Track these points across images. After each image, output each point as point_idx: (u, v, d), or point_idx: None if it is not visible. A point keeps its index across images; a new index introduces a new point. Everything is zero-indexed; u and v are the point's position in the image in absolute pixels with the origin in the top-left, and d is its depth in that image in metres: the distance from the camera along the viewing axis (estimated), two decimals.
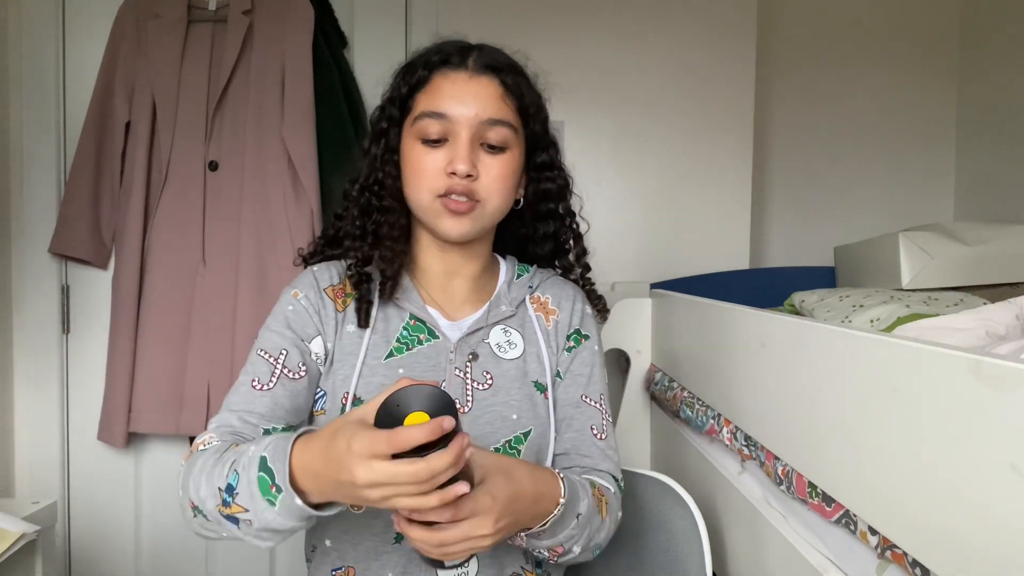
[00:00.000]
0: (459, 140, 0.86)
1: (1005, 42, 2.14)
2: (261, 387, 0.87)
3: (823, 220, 2.34)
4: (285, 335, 0.90)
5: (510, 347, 0.95)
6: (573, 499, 0.82)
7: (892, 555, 0.66)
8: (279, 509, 0.68)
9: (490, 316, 0.95)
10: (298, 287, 0.94)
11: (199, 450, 0.80)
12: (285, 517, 0.69)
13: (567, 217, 1.00)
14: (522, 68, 0.93)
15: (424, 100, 0.89)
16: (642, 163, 2.05)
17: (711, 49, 2.04)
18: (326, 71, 1.84)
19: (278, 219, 1.78)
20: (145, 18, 1.80)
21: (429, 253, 0.96)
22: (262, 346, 0.90)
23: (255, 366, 0.89)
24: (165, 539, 1.93)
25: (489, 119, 0.87)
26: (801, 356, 0.86)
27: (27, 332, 1.86)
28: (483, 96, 0.87)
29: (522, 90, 0.91)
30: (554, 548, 0.83)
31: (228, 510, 0.71)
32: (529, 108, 0.91)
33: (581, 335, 0.99)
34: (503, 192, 0.90)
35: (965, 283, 1.60)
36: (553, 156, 0.97)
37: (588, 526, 0.84)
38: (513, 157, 0.90)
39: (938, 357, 0.58)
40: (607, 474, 0.94)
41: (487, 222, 0.91)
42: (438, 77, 0.89)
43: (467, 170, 0.85)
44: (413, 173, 0.89)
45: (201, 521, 0.76)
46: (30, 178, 1.85)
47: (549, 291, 1.01)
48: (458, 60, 0.89)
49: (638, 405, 1.74)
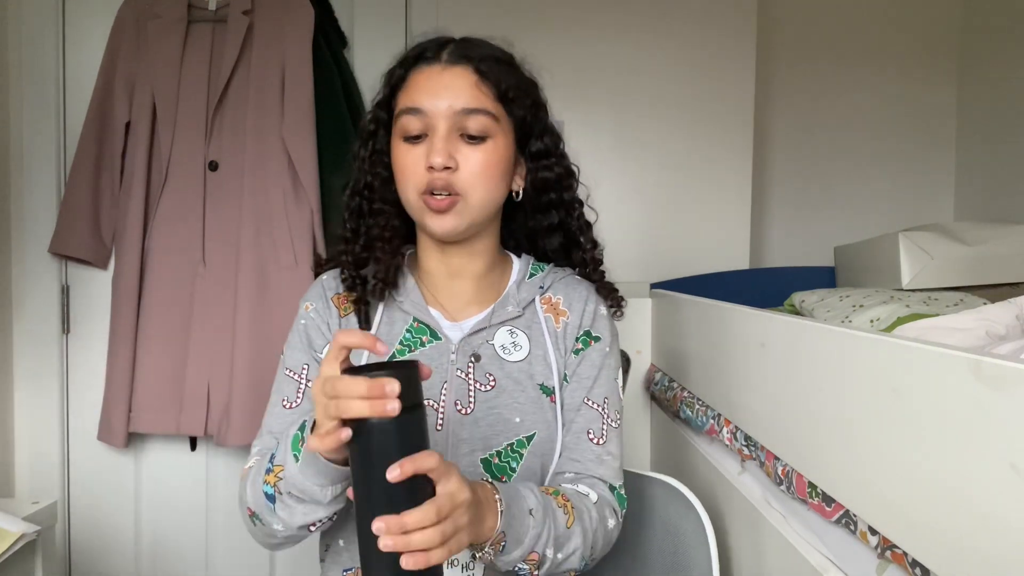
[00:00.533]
0: (436, 134, 0.85)
1: (1005, 42, 2.14)
2: (290, 405, 0.90)
3: (823, 220, 2.34)
4: (304, 349, 0.92)
5: (515, 349, 0.93)
6: (513, 497, 0.78)
7: (892, 555, 0.66)
8: (300, 463, 0.73)
9: (494, 317, 0.93)
10: (309, 299, 0.95)
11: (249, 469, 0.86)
12: (305, 471, 0.73)
13: (572, 207, 0.98)
14: (503, 54, 0.91)
15: (403, 98, 0.89)
16: (642, 163, 2.05)
17: (711, 49, 2.04)
18: (326, 71, 1.84)
19: (278, 219, 1.78)
20: (145, 18, 1.80)
21: (430, 255, 0.95)
22: (287, 365, 0.92)
23: (283, 385, 0.92)
24: (165, 539, 1.93)
25: (464, 109, 0.86)
26: (801, 356, 0.86)
27: (27, 332, 1.86)
28: (455, 86, 0.86)
29: (499, 76, 0.88)
30: (528, 556, 0.79)
31: (267, 478, 0.77)
32: (508, 93, 0.89)
33: (591, 336, 0.96)
34: (486, 183, 0.87)
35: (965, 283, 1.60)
36: (549, 144, 0.95)
37: (550, 523, 0.80)
38: (496, 146, 0.88)
39: (938, 357, 0.58)
40: (599, 481, 0.90)
41: (474, 216, 0.89)
42: (414, 73, 0.89)
43: (443, 162, 0.84)
44: (400, 173, 0.89)
45: (260, 528, 0.81)
46: (30, 178, 1.85)
47: (561, 292, 0.98)
48: (432, 54, 0.88)
49: (638, 405, 1.74)
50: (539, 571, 0.82)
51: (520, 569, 0.81)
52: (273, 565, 1.96)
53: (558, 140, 0.96)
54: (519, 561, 0.79)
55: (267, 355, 1.74)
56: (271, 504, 0.77)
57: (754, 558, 1.00)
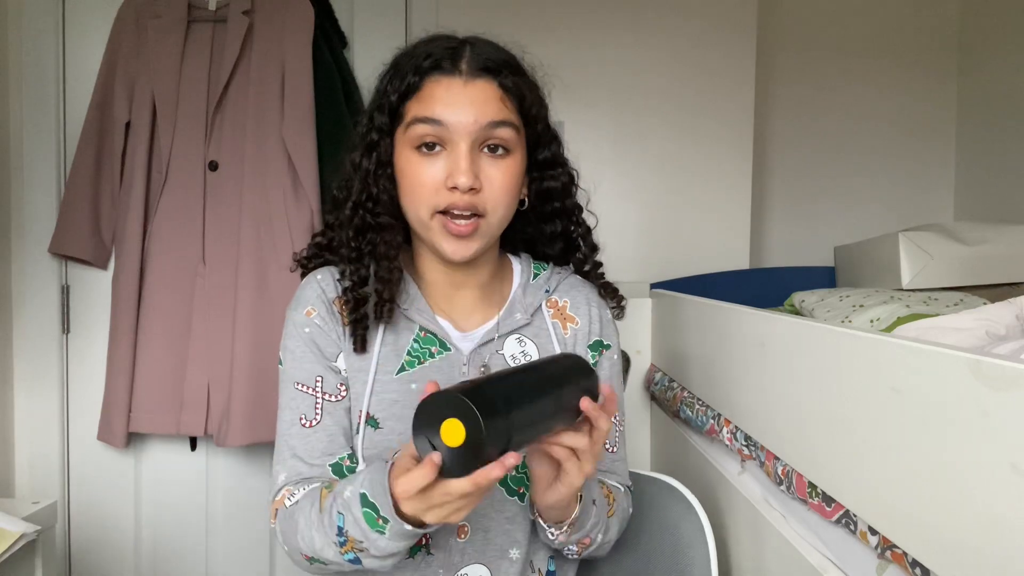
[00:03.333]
0: (458, 150, 0.80)
1: (1005, 42, 2.14)
2: (310, 424, 0.86)
3: (823, 220, 2.34)
4: (314, 360, 0.87)
5: (524, 358, 0.90)
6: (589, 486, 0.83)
7: (892, 555, 0.66)
8: (389, 536, 0.71)
9: (502, 326, 0.90)
10: (309, 304, 0.88)
11: (288, 506, 0.84)
12: (397, 540, 0.72)
13: (574, 213, 0.95)
14: (519, 63, 0.88)
15: (416, 107, 0.83)
16: (642, 163, 2.05)
17: (711, 48, 2.04)
18: (326, 71, 1.84)
19: (278, 219, 1.78)
20: (145, 18, 1.80)
21: (431, 267, 0.91)
22: (297, 379, 0.87)
23: (296, 402, 0.87)
24: (165, 539, 1.93)
25: (490, 122, 0.81)
26: (801, 356, 0.86)
27: (27, 332, 1.86)
28: (481, 100, 0.81)
29: (523, 91, 0.85)
30: (582, 540, 0.85)
31: (344, 549, 0.75)
32: (531, 109, 0.86)
33: (603, 345, 0.95)
34: (508, 202, 0.85)
35: (965, 283, 1.60)
36: (556, 152, 0.92)
37: (604, 513, 0.87)
38: (516, 161, 0.85)
39: (938, 357, 0.58)
40: (614, 486, 0.95)
41: (491, 236, 0.86)
42: (430, 83, 0.83)
43: (469, 183, 0.79)
44: (410, 186, 0.83)
45: (319, 567, 0.81)
46: (30, 178, 1.85)
47: (567, 294, 0.95)
48: (450, 64, 0.83)
49: (638, 405, 1.74)
50: (582, 554, 0.88)
51: (568, 551, 0.88)
52: (273, 565, 1.96)
53: (561, 146, 0.94)
54: (574, 543, 0.86)
55: (267, 355, 1.74)
56: (358, 564, 0.76)
57: (754, 558, 1.00)
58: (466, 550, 0.86)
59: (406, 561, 0.85)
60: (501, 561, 0.87)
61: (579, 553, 0.88)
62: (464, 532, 0.86)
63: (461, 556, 0.86)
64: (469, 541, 0.86)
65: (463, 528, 0.86)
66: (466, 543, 0.86)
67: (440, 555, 0.85)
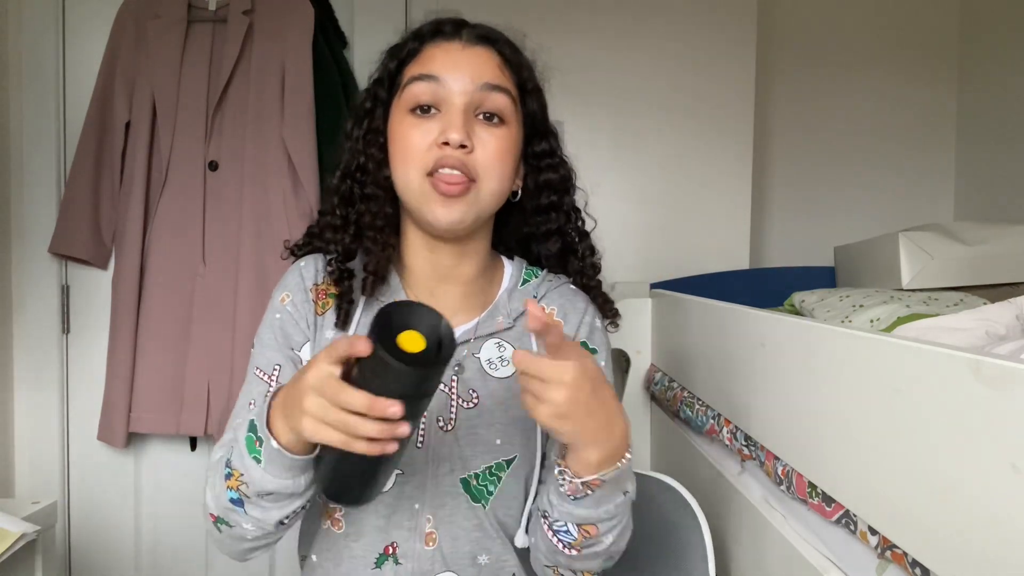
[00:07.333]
0: (452, 108, 0.79)
1: (1005, 42, 2.14)
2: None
3: (823, 220, 2.34)
4: (277, 348, 0.85)
5: (502, 364, 0.86)
6: (630, 467, 0.74)
7: (892, 555, 0.66)
8: (264, 464, 0.69)
9: (480, 328, 0.86)
10: (287, 289, 0.87)
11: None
12: (272, 470, 0.69)
13: (572, 212, 0.92)
14: (519, 46, 0.87)
15: (414, 68, 0.83)
16: (642, 163, 2.05)
17: (711, 49, 2.04)
18: (326, 71, 1.84)
19: (278, 219, 1.78)
20: (145, 18, 1.80)
21: (417, 253, 0.87)
22: (257, 363, 0.85)
23: (251, 386, 0.85)
24: (165, 539, 1.93)
25: (486, 83, 0.80)
26: (801, 356, 0.86)
27: (27, 332, 1.86)
28: (478, 63, 0.81)
29: (521, 63, 0.85)
30: (587, 527, 0.75)
31: (229, 484, 0.72)
32: (527, 84, 0.85)
33: (587, 348, 0.90)
34: (501, 172, 0.82)
35: (965, 283, 1.60)
36: (553, 145, 0.90)
37: (623, 516, 0.78)
38: (511, 134, 0.83)
39: (938, 357, 0.58)
40: None
41: (483, 207, 0.82)
42: (430, 47, 0.83)
43: (460, 139, 0.77)
44: (400, 150, 0.81)
45: (226, 530, 0.77)
46: (30, 178, 1.85)
47: (556, 302, 0.91)
48: (451, 31, 0.84)
49: (638, 405, 1.74)
50: (581, 550, 0.78)
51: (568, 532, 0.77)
52: (273, 565, 1.96)
53: (559, 141, 0.93)
54: (580, 520, 0.75)
55: None
56: (240, 508, 0.73)
57: (754, 558, 1.00)
58: (435, 557, 0.84)
59: (373, 571, 0.83)
60: (470, 568, 0.85)
61: (576, 550, 0.79)
62: (432, 540, 0.84)
63: (431, 564, 0.84)
64: (437, 548, 0.84)
65: (431, 535, 0.84)
66: (435, 551, 0.84)
67: (409, 564, 0.83)
